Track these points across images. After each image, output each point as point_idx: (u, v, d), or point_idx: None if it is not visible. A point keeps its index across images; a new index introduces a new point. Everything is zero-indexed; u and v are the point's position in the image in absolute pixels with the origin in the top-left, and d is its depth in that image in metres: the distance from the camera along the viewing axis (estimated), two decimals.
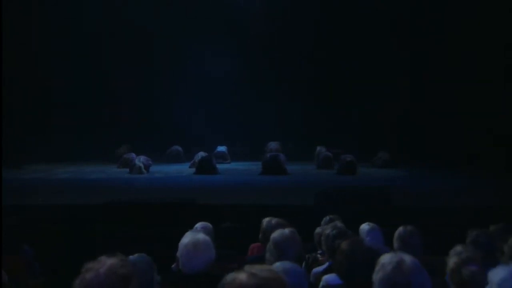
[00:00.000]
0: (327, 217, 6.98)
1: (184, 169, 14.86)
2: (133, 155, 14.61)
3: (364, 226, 6.73)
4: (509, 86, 14.88)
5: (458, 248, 4.29)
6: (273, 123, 17.77)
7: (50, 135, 16.77)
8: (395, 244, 5.76)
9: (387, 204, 9.69)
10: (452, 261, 4.05)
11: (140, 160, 13.87)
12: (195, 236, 4.19)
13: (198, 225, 6.02)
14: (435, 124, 16.69)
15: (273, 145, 16.99)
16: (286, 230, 4.43)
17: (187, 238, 4.17)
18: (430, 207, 9.86)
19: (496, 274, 3.08)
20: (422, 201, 10.35)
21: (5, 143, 12.86)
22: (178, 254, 4.13)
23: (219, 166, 15.94)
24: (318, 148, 16.58)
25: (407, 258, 3.00)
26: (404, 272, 2.94)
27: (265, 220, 5.73)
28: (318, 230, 6.18)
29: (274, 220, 5.68)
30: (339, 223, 5.84)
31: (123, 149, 16.08)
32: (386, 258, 3.00)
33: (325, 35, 17.55)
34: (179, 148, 17.00)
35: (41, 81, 17.26)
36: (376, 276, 2.97)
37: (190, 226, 6.65)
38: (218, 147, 17.02)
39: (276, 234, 4.39)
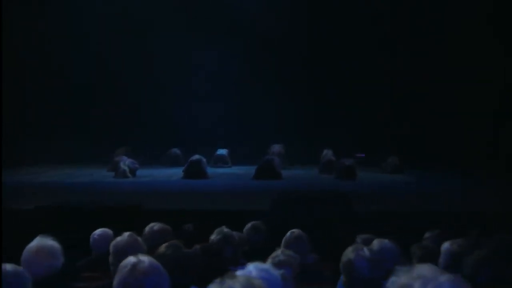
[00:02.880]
0: (250, 224, 7.39)
1: (176, 173, 15.13)
2: (124, 158, 14.90)
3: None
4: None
5: (278, 251, 4.70)
6: (278, 125, 18.07)
7: (51, 137, 17.28)
8: (281, 247, 6.16)
9: (347, 210, 10.02)
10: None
11: (125, 164, 14.24)
12: (41, 241, 4.37)
13: (97, 231, 6.15)
14: (442, 127, 16.86)
15: (276, 147, 17.22)
16: (125, 235, 4.65)
17: (33, 242, 4.37)
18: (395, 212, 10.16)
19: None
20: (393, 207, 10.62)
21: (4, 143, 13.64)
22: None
23: (219, 170, 16.43)
24: (325, 151, 16.77)
25: (146, 260, 3.20)
26: (137, 274, 3.12)
27: (148, 227, 5.83)
28: None
29: (156, 226, 5.81)
30: (225, 228, 6.12)
31: (122, 151, 16.38)
32: (124, 261, 3.24)
33: (325, 35, 17.83)
34: (178, 151, 17.33)
35: (39, 81, 17.93)
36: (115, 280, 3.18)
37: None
38: (219, 150, 17.33)
39: (115, 241, 4.62)
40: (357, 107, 17.81)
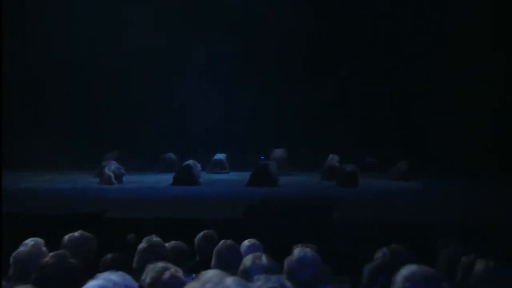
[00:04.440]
0: (201, 233, 7.37)
1: (168, 179, 14.97)
2: (111, 163, 14.82)
3: (245, 242, 7.13)
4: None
5: (159, 264, 4.71)
6: (282, 129, 18.04)
7: (50, 140, 17.39)
8: (213, 259, 6.14)
9: (327, 218, 9.98)
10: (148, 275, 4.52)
11: (110, 169, 14.21)
12: None
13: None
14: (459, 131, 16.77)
15: (278, 152, 17.11)
16: (29, 244, 4.82)
17: None
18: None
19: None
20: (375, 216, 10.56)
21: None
22: None
23: (215, 175, 16.42)
24: (330, 156, 16.60)
25: None
26: None
27: (68, 235, 5.89)
28: None
29: (76, 233, 5.87)
30: (155, 237, 6.09)
31: (114, 155, 16.35)
32: None
33: (325, 35, 17.82)
34: (172, 156, 17.20)
35: (34, 83, 18.10)
36: None
37: None
38: (216, 154, 17.22)
39: (16, 251, 4.80)
40: (367, 109, 17.77)
